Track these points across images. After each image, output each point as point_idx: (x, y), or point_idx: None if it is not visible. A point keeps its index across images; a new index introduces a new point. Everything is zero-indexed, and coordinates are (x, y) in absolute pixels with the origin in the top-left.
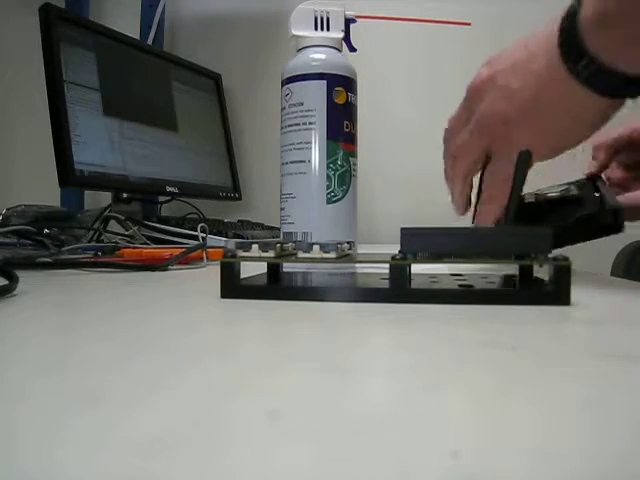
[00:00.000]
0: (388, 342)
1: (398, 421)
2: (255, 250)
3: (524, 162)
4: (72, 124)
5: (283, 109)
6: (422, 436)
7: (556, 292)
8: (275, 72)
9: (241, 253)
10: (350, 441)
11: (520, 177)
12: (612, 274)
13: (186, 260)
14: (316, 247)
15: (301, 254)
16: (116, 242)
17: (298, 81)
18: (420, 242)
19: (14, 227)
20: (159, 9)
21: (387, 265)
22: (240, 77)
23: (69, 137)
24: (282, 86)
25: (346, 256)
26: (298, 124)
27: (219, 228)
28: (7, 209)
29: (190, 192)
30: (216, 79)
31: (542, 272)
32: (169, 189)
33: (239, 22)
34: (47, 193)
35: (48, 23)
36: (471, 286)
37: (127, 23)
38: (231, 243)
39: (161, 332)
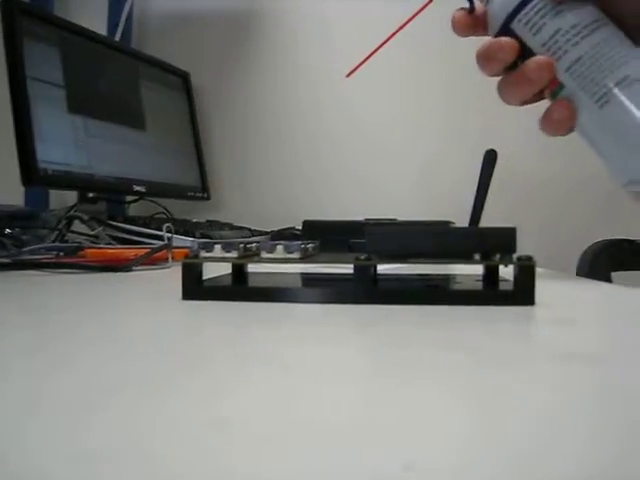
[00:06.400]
0: (347, 345)
1: (348, 430)
2: (218, 250)
3: (491, 161)
4: (36, 121)
5: None
6: (373, 447)
7: (520, 292)
8: (245, 70)
9: (204, 254)
10: (299, 448)
11: (487, 176)
12: (577, 273)
13: (152, 260)
14: (280, 247)
15: (264, 254)
16: (79, 242)
17: None
18: (385, 242)
19: None
20: (127, 5)
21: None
22: (209, 75)
23: (32, 135)
24: None
25: (310, 256)
26: None
27: (186, 228)
28: None
29: (158, 192)
30: (185, 77)
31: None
32: (136, 188)
33: (209, 20)
34: (11, 192)
35: (11, 17)
36: (437, 286)
37: (94, 19)
38: (196, 244)
39: (114, 336)
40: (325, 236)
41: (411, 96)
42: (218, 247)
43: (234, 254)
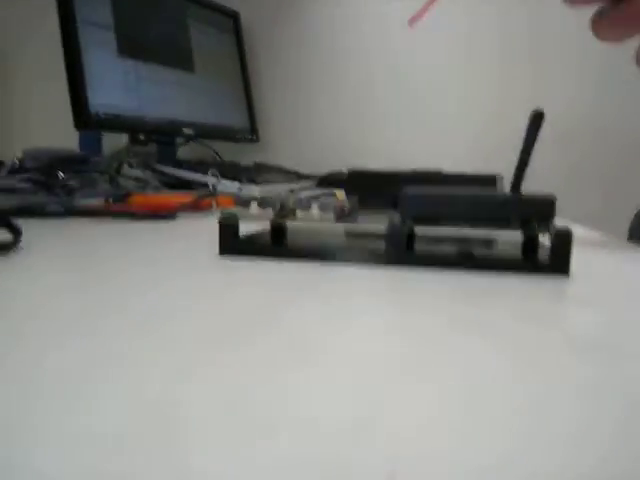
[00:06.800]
0: (368, 319)
1: (348, 420)
2: (254, 208)
3: (536, 122)
4: (87, 66)
5: None
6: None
7: (555, 261)
8: (294, 10)
9: (240, 211)
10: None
11: (531, 138)
12: (629, 238)
13: (197, 207)
14: (315, 207)
15: (299, 214)
16: (128, 189)
17: None
18: (421, 206)
19: (24, 175)
20: None
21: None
22: (259, 15)
23: (83, 79)
24: None
25: (346, 216)
26: None
27: (233, 173)
28: (23, 152)
29: (207, 134)
30: (234, 17)
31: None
32: (186, 131)
33: None
34: (65, 137)
35: None
36: (471, 252)
37: None
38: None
39: (144, 297)
40: (370, 186)
41: (466, 52)
42: (254, 205)
43: (269, 212)
